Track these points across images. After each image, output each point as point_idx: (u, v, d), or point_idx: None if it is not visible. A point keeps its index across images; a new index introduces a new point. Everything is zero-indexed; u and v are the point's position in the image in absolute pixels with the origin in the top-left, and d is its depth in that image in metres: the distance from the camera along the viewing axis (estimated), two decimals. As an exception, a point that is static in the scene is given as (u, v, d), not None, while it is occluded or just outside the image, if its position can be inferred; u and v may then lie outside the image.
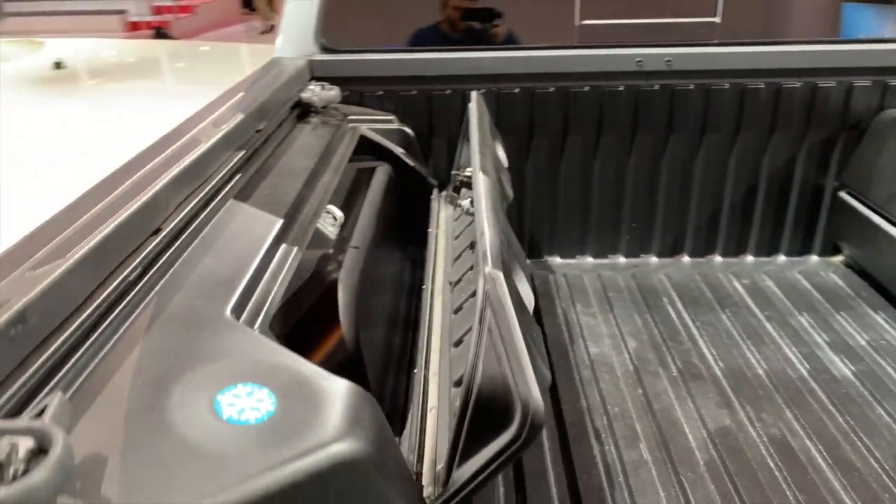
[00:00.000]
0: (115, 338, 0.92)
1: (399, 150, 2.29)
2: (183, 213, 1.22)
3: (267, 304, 1.13)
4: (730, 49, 2.30)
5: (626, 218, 2.55)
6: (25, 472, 0.60)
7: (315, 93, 2.06)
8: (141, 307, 1.00)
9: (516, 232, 2.56)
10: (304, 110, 2.06)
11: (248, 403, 0.88)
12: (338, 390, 0.91)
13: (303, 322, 1.49)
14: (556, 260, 2.61)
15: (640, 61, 2.29)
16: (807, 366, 1.97)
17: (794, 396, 1.85)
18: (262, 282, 1.18)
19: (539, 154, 2.45)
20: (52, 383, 0.80)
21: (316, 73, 2.28)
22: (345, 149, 1.97)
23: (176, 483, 0.73)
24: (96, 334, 0.90)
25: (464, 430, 1.04)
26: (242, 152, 1.55)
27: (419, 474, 1.14)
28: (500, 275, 1.04)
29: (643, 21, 2.33)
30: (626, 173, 2.48)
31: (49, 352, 0.81)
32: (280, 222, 1.35)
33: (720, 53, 2.30)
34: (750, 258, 2.59)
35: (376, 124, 2.28)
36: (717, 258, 2.59)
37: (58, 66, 2.66)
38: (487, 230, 1.18)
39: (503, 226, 1.35)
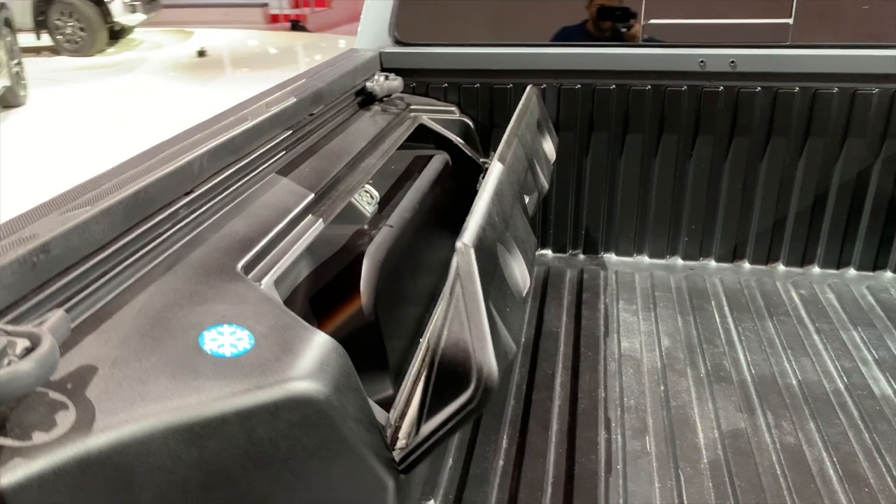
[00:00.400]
0: (133, 279, 1.11)
1: (458, 140, 2.40)
2: (217, 180, 1.40)
3: (277, 265, 1.28)
4: (799, 52, 2.23)
5: (686, 219, 2.53)
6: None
7: (378, 82, 2.22)
8: (163, 256, 1.18)
9: (572, 226, 2.61)
10: (366, 98, 2.22)
11: (229, 341, 1.03)
12: (311, 340, 1.05)
13: (328, 288, 1.65)
14: (612, 257, 2.63)
15: (702, 62, 2.27)
16: (845, 380, 1.90)
17: (821, 409, 1.80)
18: (279, 246, 1.33)
19: (598, 150, 2.48)
20: (65, 307, 0.99)
21: (386, 65, 2.44)
22: (399, 135, 2.11)
23: (148, 394, 0.89)
24: (114, 272, 1.08)
25: (430, 388, 1.15)
26: (290, 132, 1.72)
27: (398, 428, 1.26)
28: (471, 249, 1.13)
29: (711, 21, 2.30)
30: (686, 174, 2.46)
31: (66, 280, 1.00)
32: (311, 196, 1.51)
33: (788, 56, 2.23)
34: (816, 269, 2.49)
35: (438, 114, 2.40)
36: (780, 267, 2.51)
37: (201, 54, 2.95)
38: (477, 211, 1.28)
39: (506, 210, 1.44)
